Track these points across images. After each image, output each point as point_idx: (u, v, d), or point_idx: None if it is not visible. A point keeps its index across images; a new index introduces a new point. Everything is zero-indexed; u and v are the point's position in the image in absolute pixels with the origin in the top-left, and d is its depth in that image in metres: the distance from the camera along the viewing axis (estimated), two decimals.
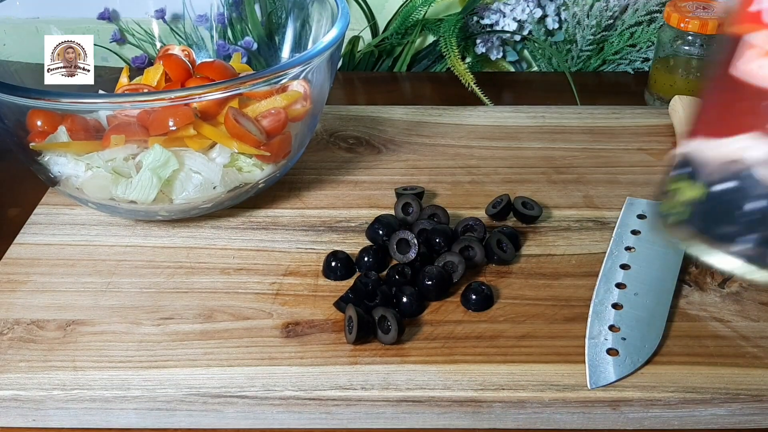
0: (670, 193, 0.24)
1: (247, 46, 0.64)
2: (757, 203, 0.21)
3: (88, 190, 0.49)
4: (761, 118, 0.21)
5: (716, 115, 0.22)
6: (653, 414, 0.39)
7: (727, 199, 0.22)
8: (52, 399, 0.39)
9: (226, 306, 0.44)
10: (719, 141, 0.22)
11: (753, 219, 0.21)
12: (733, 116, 0.22)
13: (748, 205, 0.21)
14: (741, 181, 0.21)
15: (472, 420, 0.39)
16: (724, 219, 0.22)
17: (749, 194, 0.21)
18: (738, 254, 0.22)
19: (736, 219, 0.22)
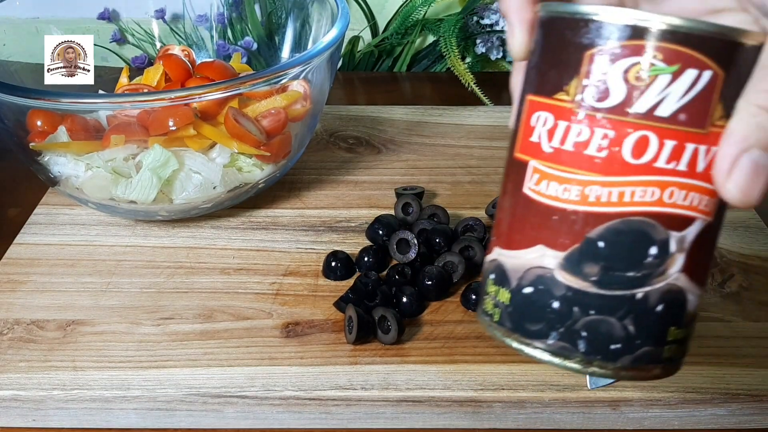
0: (489, 295, 0.27)
1: (247, 46, 0.64)
2: (554, 303, 0.25)
3: (88, 190, 0.48)
4: (548, 232, 0.25)
5: (511, 227, 0.26)
6: (653, 414, 0.39)
7: (530, 300, 0.25)
8: (52, 399, 0.39)
9: (226, 306, 0.44)
10: (516, 252, 0.25)
11: (553, 317, 0.25)
12: (525, 230, 0.25)
13: (548, 306, 0.25)
14: (539, 285, 0.25)
15: (472, 420, 0.39)
16: (531, 318, 0.25)
17: (547, 296, 0.25)
18: (545, 348, 0.25)
19: (540, 318, 0.25)
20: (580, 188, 0.24)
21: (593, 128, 0.23)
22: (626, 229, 0.24)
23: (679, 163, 0.23)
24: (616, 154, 0.23)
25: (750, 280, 0.47)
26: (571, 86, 0.24)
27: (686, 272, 0.24)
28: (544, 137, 0.25)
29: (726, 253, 0.49)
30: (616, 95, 0.23)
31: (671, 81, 0.23)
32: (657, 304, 0.24)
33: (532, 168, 0.25)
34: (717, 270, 0.47)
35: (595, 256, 0.24)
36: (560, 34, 0.24)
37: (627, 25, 0.23)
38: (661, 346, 0.25)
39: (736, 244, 0.50)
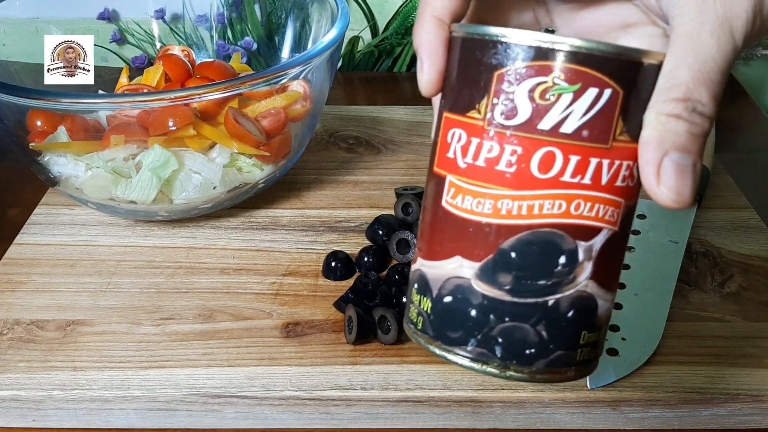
0: (413, 303, 0.28)
1: (246, 46, 0.64)
2: (472, 311, 0.26)
3: (87, 190, 0.48)
4: (464, 244, 0.26)
5: (435, 239, 0.27)
6: (653, 414, 0.39)
7: (449, 309, 0.26)
8: (51, 399, 0.39)
9: (226, 306, 0.44)
10: (439, 262, 0.27)
11: (471, 325, 0.26)
12: (443, 241, 0.27)
13: (466, 314, 0.26)
14: (457, 294, 0.26)
15: (472, 420, 0.39)
16: (451, 326, 0.27)
17: (465, 304, 0.26)
18: (465, 355, 0.26)
19: (459, 325, 0.26)
20: (492, 202, 0.25)
21: (503, 145, 0.25)
22: (536, 240, 0.25)
23: (584, 177, 0.24)
24: (525, 170, 0.25)
25: (750, 280, 0.47)
26: (482, 105, 0.25)
27: (595, 279, 0.26)
28: (458, 153, 0.26)
29: (726, 253, 0.49)
30: (523, 113, 0.24)
31: (573, 100, 0.24)
32: (568, 311, 0.26)
33: (449, 182, 0.26)
34: (717, 270, 0.47)
35: (508, 266, 0.25)
36: (472, 54, 0.26)
37: (532, 47, 0.24)
38: (574, 350, 0.26)
39: (736, 244, 0.50)
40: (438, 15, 0.26)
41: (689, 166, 0.23)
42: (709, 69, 0.23)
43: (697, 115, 0.23)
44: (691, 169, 0.23)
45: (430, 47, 0.26)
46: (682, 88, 0.23)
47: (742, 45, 0.24)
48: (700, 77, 0.23)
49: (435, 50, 0.26)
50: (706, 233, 0.51)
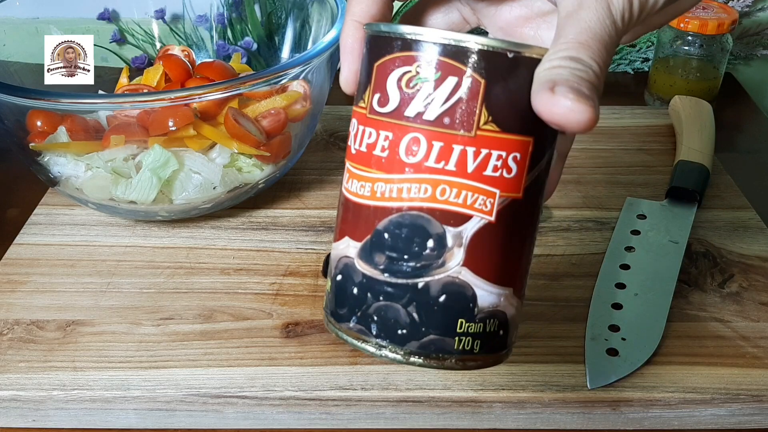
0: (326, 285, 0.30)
1: (246, 46, 0.64)
2: (354, 289, 0.27)
3: (87, 190, 0.48)
4: (350, 225, 0.28)
5: (337, 222, 0.29)
6: (653, 414, 0.39)
7: (339, 287, 0.28)
8: (51, 399, 0.39)
9: (226, 306, 0.44)
10: (336, 243, 0.28)
11: (353, 301, 0.27)
12: (341, 223, 0.28)
13: (349, 291, 0.27)
14: (345, 273, 0.28)
15: (472, 420, 0.39)
16: (339, 303, 0.28)
17: (350, 282, 0.27)
18: (347, 331, 0.28)
19: (345, 302, 0.28)
20: (370, 185, 0.27)
21: (378, 131, 0.26)
22: (405, 222, 0.26)
23: (448, 163, 0.26)
24: (394, 154, 0.26)
25: (750, 280, 0.47)
26: (366, 95, 0.27)
27: (468, 266, 0.26)
28: (352, 141, 0.28)
29: (726, 253, 0.49)
30: (393, 101, 0.26)
31: (434, 88, 0.25)
32: (439, 295, 0.26)
33: (346, 169, 0.28)
34: (717, 270, 0.47)
35: (382, 246, 0.27)
36: (366, 49, 0.28)
37: (399, 39, 0.26)
38: (450, 337, 0.27)
39: (736, 245, 0.50)
40: (357, 19, 0.28)
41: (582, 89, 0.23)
42: (586, 36, 0.24)
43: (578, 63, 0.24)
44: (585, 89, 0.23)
45: (346, 47, 0.29)
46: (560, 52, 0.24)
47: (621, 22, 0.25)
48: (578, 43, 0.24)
49: (351, 50, 0.28)
50: (706, 233, 0.51)
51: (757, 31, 0.76)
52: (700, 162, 0.55)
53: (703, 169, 0.54)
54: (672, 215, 0.51)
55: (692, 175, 0.53)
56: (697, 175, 0.54)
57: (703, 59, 0.65)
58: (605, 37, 0.24)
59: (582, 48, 0.24)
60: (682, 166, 0.54)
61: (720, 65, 0.66)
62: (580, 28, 0.24)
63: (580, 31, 0.24)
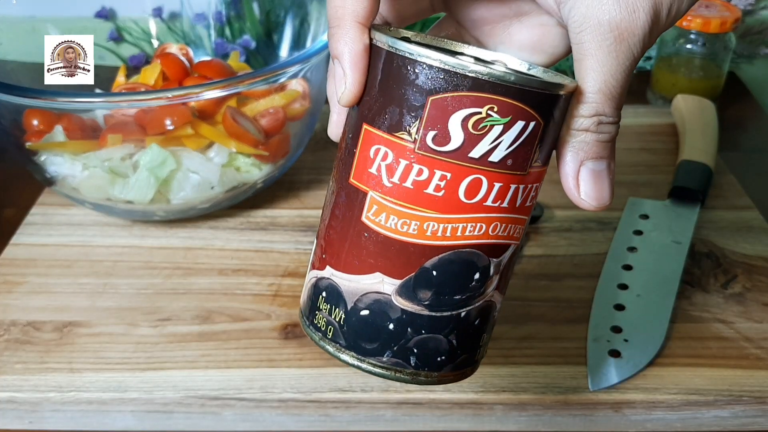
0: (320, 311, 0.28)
1: (245, 44, 0.64)
2: (390, 325, 0.27)
3: (84, 190, 0.48)
4: (385, 261, 0.26)
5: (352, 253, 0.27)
6: (656, 416, 0.39)
7: (366, 321, 0.27)
8: (48, 401, 0.39)
9: (224, 307, 0.44)
10: (356, 276, 0.27)
11: (388, 337, 0.27)
12: (365, 256, 0.27)
13: (384, 327, 0.27)
14: (376, 308, 0.27)
15: (473, 422, 0.39)
16: (366, 337, 0.27)
17: (383, 318, 0.27)
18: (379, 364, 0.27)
19: (376, 337, 0.27)
20: (418, 223, 0.26)
21: (433, 170, 0.25)
22: (457, 259, 0.26)
23: (503, 202, 0.26)
24: (452, 194, 0.25)
25: (753, 281, 0.46)
26: (413, 127, 0.25)
27: (498, 289, 0.28)
28: (383, 171, 0.26)
29: (729, 254, 0.48)
30: (455, 141, 0.25)
31: (503, 131, 0.25)
32: (476, 319, 0.28)
33: (371, 199, 0.26)
34: (720, 271, 0.47)
35: (429, 284, 0.26)
36: (403, 73, 0.25)
37: (468, 77, 0.24)
38: (475, 352, 0.29)
39: (740, 245, 0.49)
40: (360, 21, 0.25)
41: (603, 169, 0.26)
42: (610, 86, 0.25)
43: (604, 126, 0.25)
44: (606, 172, 0.26)
45: (354, 57, 0.25)
46: (588, 107, 0.25)
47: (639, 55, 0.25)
48: (603, 95, 0.25)
49: (359, 60, 0.25)
50: (710, 234, 0.50)
51: (761, 29, 0.76)
52: (703, 161, 0.54)
53: (706, 168, 0.54)
54: (675, 215, 0.51)
55: (695, 175, 0.53)
56: (700, 175, 0.53)
57: (706, 58, 0.65)
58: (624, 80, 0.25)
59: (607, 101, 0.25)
60: (685, 165, 0.54)
61: (723, 64, 0.65)
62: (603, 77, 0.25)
63: (604, 81, 0.25)
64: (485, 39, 0.31)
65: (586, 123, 0.25)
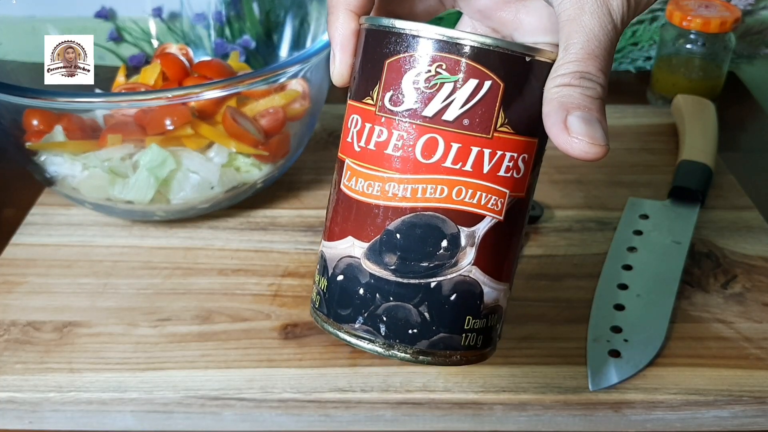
0: (315, 284, 0.29)
1: (245, 44, 0.64)
2: (360, 289, 0.27)
3: (84, 190, 0.48)
4: (354, 225, 0.27)
5: (334, 221, 0.28)
6: (656, 416, 0.39)
7: (341, 287, 0.28)
8: (48, 401, 0.39)
9: (224, 307, 0.44)
10: (335, 242, 0.28)
11: (359, 302, 0.27)
12: (338, 222, 0.28)
13: (354, 292, 0.27)
14: (348, 273, 0.27)
15: (473, 422, 0.39)
16: (341, 303, 0.28)
17: (354, 282, 0.27)
18: (353, 332, 0.27)
19: (349, 303, 0.27)
20: (381, 184, 0.26)
21: (391, 130, 0.26)
22: (419, 222, 0.26)
23: (465, 164, 0.26)
24: (410, 154, 0.26)
25: (753, 281, 0.46)
26: (375, 91, 0.26)
27: (479, 265, 0.27)
28: (355, 138, 0.27)
29: (729, 254, 0.48)
30: (408, 100, 0.26)
31: (454, 89, 0.25)
32: (450, 294, 0.27)
33: (347, 166, 0.27)
34: (720, 271, 0.47)
35: (393, 247, 0.26)
36: (368, 44, 0.27)
37: (417, 37, 0.25)
38: (458, 334, 0.27)
39: (740, 245, 0.49)
40: (351, 8, 0.28)
41: (593, 119, 0.25)
42: (593, 46, 0.25)
43: (588, 81, 0.25)
44: (596, 121, 0.25)
45: (342, 40, 0.28)
46: (570, 65, 0.25)
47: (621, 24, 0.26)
48: (585, 54, 0.25)
49: (346, 42, 0.28)
50: (709, 234, 0.50)
51: (761, 29, 0.76)
52: (703, 161, 0.54)
53: (706, 168, 0.54)
54: (675, 215, 0.51)
55: (695, 175, 0.53)
56: (700, 175, 0.53)
57: (706, 58, 0.65)
58: (608, 43, 0.25)
59: (589, 59, 0.25)
60: (684, 165, 0.54)
61: (723, 64, 0.65)
62: (585, 36, 0.25)
63: (586, 40, 0.25)
64: (500, 28, 0.31)
65: (567, 78, 0.25)
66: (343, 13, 0.28)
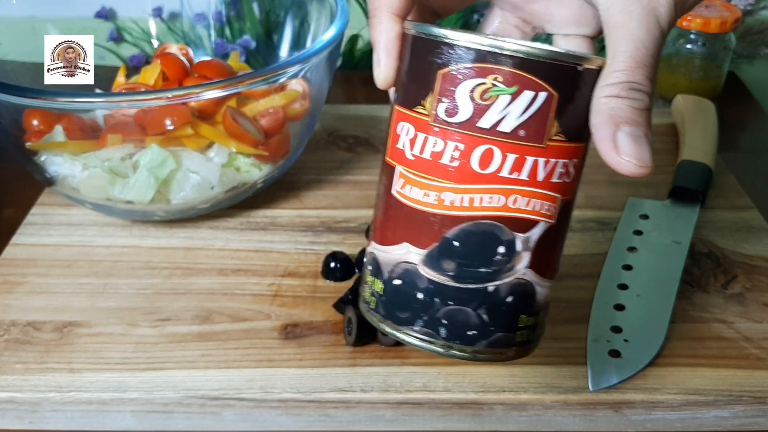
0: (367, 284, 0.30)
1: (245, 44, 0.64)
2: (420, 294, 0.28)
3: (84, 190, 0.48)
4: (411, 232, 0.28)
5: (383, 225, 0.29)
6: (656, 416, 0.39)
7: (399, 291, 0.29)
8: (48, 401, 0.39)
9: (224, 307, 0.44)
10: (387, 247, 0.29)
11: (419, 306, 0.28)
12: (393, 228, 0.28)
13: (414, 296, 0.28)
14: (406, 278, 0.28)
15: (473, 423, 0.39)
16: (400, 307, 0.29)
17: (414, 287, 0.28)
18: (412, 334, 0.29)
19: (408, 307, 0.28)
20: (437, 193, 0.27)
21: (446, 140, 0.26)
22: (477, 230, 0.27)
23: (521, 174, 0.26)
24: (466, 165, 0.26)
25: (753, 281, 0.46)
26: (428, 101, 0.27)
27: (533, 268, 0.28)
28: (407, 145, 0.28)
29: (729, 254, 0.48)
30: (464, 112, 0.26)
31: (510, 101, 0.26)
32: (507, 296, 0.28)
33: (398, 173, 0.28)
34: (720, 271, 0.47)
35: (451, 254, 0.27)
36: (420, 52, 0.27)
37: (472, 49, 0.26)
38: (512, 332, 0.29)
39: (740, 245, 0.49)
40: (394, 11, 0.28)
41: (641, 135, 0.25)
42: (641, 55, 0.25)
43: (636, 92, 0.25)
44: (644, 138, 0.25)
45: (387, 44, 0.28)
46: (619, 75, 0.25)
47: (668, 28, 0.26)
48: (634, 62, 0.25)
49: (391, 46, 0.28)
50: (710, 234, 0.50)
51: (761, 29, 0.76)
52: (703, 162, 0.54)
53: (706, 168, 0.54)
54: (675, 215, 0.51)
55: (695, 175, 0.53)
56: (700, 175, 0.53)
57: (706, 58, 0.65)
58: (655, 50, 0.25)
59: (638, 68, 0.25)
60: (684, 165, 0.54)
61: (723, 64, 0.65)
62: (633, 44, 0.25)
63: (634, 48, 0.25)
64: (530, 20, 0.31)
65: (616, 89, 0.25)
66: (386, 17, 0.28)
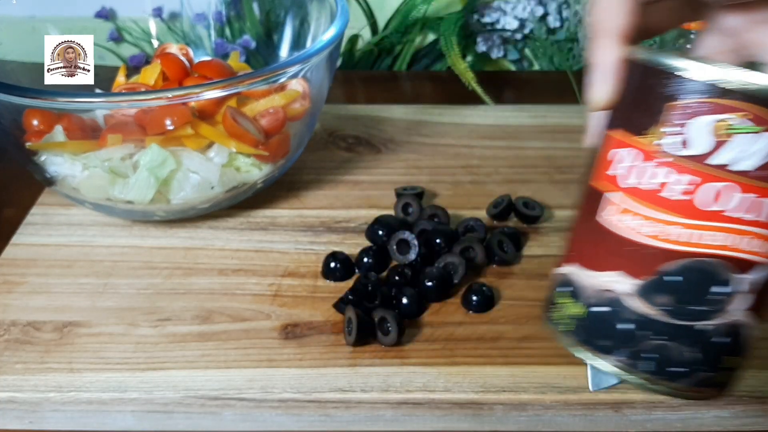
0: (557, 305, 0.30)
1: (245, 44, 0.64)
2: (626, 325, 0.27)
3: (84, 190, 0.48)
4: (623, 260, 0.27)
5: (589, 250, 0.28)
6: (656, 416, 0.39)
7: (603, 318, 0.27)
8: (48, 401, 0.39)
9: (224, 307, 0.44)
10: (593, 272, 0.28)
11: (623, 337, 0.27)
12: (602, 254, 0.27)
13: (619, 326, 0.27)
14: (613, 306, 0.27)
15: (473, 422, 0.39)
16: (602, 334, 0.28)
17: (620, 317, 0.27)
18: (614, 363, 0.28)
19: (611, 336, 0.27)
20: (658, 225, 0.26)
21: (674, 173, 0.25)
22: (696, 267, 0.26)
23: (760, 215, 0.25)
24: (695, 200, 0.25)
25: None
26: (654, 131, 0.25)
27: (751, 309, 0.27)
28: (623, 173, 0.26)
29: None
30: (695, 147, 0.25)
31: (748, 139, 0.24)
32: (718, 336, 0.26)
33: (609, 200, 0.27)
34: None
35: (666, 289, 0.26)
36: (648, 81, 0.26)
37: (713, 84, 0.24)
38: (715, 372, 0.27)
39: None
40: (621, 36, 0.27)
41: None
42: None
43: None
44: None
45: (608, 68, 0.28)
46: None
47: None
48: None
49: (612, 71, 0.27)
50: None
51: None
52: None
53: None
54: None
55: None
56: None
57: None
58: None
59: None
60: None
61: None
62: None
63: None
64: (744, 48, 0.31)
65: None
66: (611, 41, 0.27)
